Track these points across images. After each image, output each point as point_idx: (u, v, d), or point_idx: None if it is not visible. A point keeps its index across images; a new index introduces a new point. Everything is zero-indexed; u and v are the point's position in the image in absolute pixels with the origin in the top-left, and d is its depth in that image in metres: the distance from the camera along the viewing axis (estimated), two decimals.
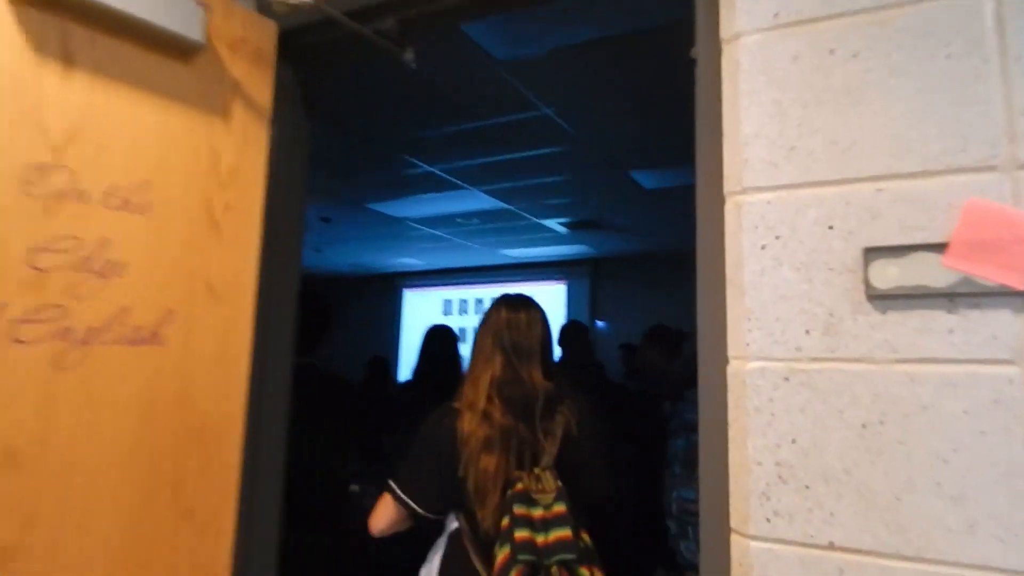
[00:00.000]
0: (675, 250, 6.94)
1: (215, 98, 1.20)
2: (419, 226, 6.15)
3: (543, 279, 7.55)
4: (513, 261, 7.66)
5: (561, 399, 1.61)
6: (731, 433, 0.83)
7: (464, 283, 7.98)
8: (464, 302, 8.00)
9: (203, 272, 1.17)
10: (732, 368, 0.85)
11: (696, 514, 0.89)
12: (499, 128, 3.77)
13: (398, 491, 1.52)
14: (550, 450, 1.53)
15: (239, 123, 1.24)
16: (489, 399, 1.55)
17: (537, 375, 1.60)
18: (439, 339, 2.98)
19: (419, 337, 3.01)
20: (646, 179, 4.70)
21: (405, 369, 7.60)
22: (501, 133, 3.84)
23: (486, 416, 1.53)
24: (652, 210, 5.55)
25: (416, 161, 4.34)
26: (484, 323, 1.70)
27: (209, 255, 1.18)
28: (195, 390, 1.16)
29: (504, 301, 1.71)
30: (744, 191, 0.85)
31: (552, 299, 7.44)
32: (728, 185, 0.88)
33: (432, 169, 4.49)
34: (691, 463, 1.88)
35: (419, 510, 1.50)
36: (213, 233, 1.19)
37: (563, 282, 7.42)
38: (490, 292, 7.85)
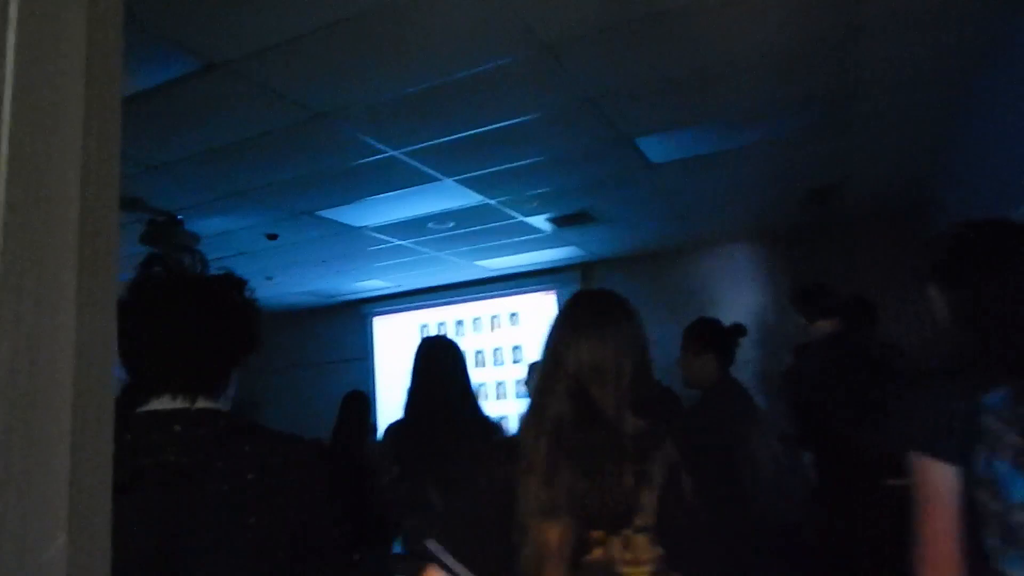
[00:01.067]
0: (675, 244, 6.22)
1: None
2: (383, 236, 5.26)
3: (530, 289, 6.70)
4: (494, 274, 6.80)
5: (660, 440, 1.24)
6: None
7: (440, 302, 7.04)
8: (442, 324, 7.05)
9: None
10: None
11: None
12: (475, 82, 2.93)
13: (448, 558, 1.16)
14: (647, 502, 1.15)
15: None
16: (551, 448, 1.18)
17: (625, 410, 1.21)
18: (439, 352, 2.10)
19: (411, 357, 2.12)
20: (654, 148, 3.94)
21: (385, 409, 6.68)
22: (478, 90, 3.01)
23: (548, 473, 1.17)
24: (654, 193, 4.81)
25: (372, 142, 3.47)
26: (551, 333, 1.31)
27: None
28: None
29: (581, 302, 1.33)
30: None
31: (542, 310, 6.59)
32: None
33: (394, 152, 3.62)
34: None
35: None
36: None
37: (552, 291, 6.58)
38: (472, 311, 6.95)
